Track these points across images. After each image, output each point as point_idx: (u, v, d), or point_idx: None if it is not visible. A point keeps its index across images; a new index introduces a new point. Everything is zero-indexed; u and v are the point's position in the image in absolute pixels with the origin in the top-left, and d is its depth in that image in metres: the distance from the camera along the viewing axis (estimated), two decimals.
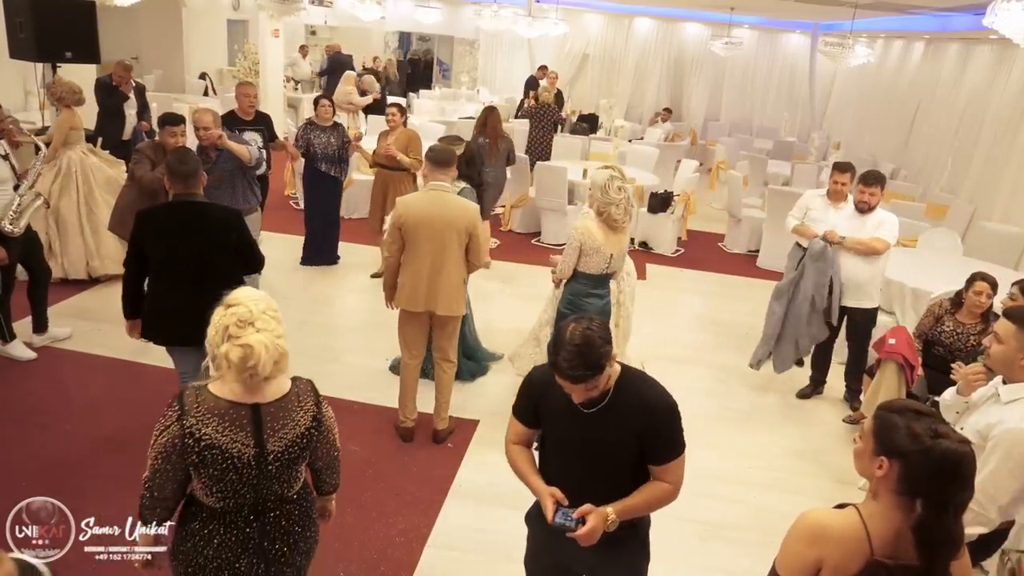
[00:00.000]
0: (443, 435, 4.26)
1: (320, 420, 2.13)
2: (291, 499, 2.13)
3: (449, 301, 3.98)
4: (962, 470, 1.57)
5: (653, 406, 2.11)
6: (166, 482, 1.99)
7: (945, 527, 1.58)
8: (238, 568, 2.05)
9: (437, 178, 3.93)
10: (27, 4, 6.29)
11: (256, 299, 1.99)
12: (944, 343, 4.40)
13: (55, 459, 3.72)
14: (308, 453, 2.11)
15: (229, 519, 2.04)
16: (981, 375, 2.70)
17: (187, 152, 3.82)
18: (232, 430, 1.95)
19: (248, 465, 1.97)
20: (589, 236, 3.94)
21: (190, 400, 1.96)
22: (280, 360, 1.96)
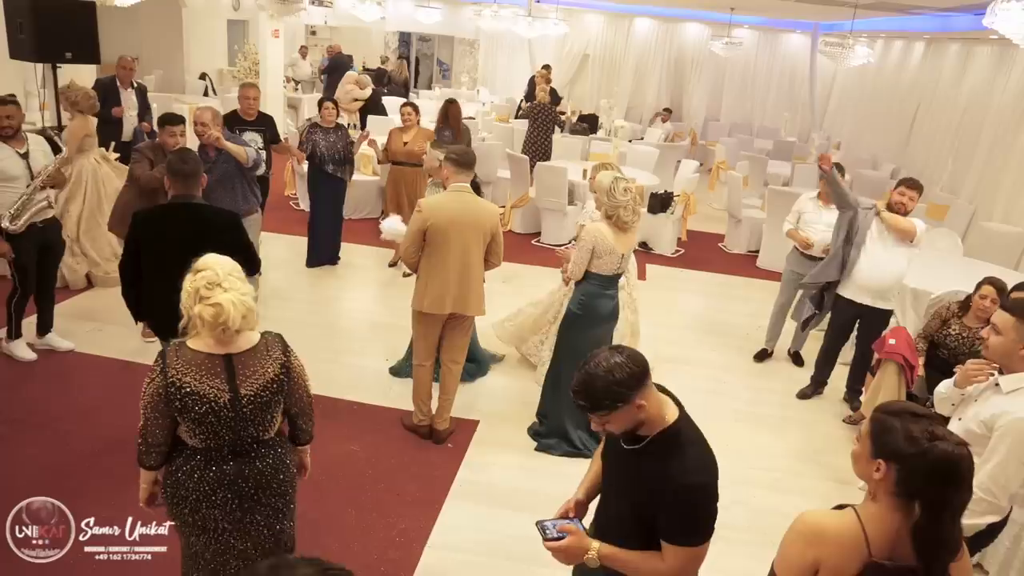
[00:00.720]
0: (444, 435, 4.25)
1: (289, 367, 2.35)
2: (266, 443, 2.36)
3: (478, 302, 4.02)
4: (960, 472, 1.57)
5: (670, 478, 1.88)
6: (156, 429, 2.25)
7: (943, 529, 1.58)
8: (214, 500, 2.28)
9: (459, 179, 3.90)
10: (27, 4, 6.29)
11: (222, 263, 2.24)
12: (949, 346, 4.40)
13: (55, 459, 3.72)
14: (281, 398, 2.34)
15: (210, 456, 2.28)
16: (983, 372, 2.70)
17: (188, 152, 3.81)
18: (208, 378, 2.20)
19: (225, 408, 2.22)
20: (601, 238, 3.94)
21: (171, 356, 2.22)
22: (247, 315, 2.19)
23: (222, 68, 14.38)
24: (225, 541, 2.36)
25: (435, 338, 4.11)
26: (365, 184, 8.50)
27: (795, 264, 5.56)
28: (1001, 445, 2.42)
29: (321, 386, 4.66)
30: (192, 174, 3.42)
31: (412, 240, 3.87)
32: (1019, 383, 2.50)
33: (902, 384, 4.41)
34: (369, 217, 8.44)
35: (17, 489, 3.25)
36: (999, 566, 3.44)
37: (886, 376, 4.44)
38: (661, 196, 8.38)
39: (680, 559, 1.92)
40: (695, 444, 1.97)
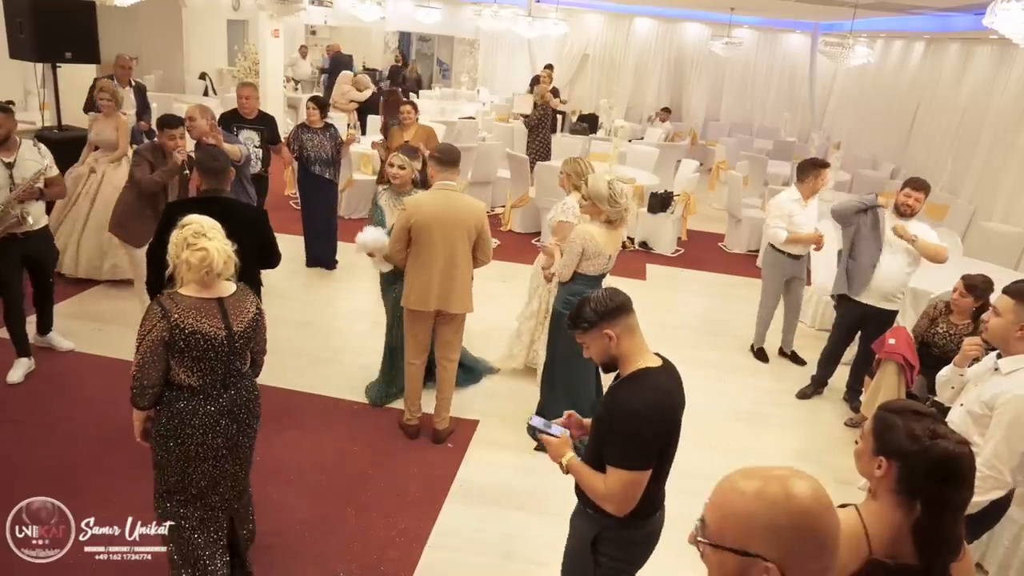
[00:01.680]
0: (443, 435, 4.26)
1: (260, 311, 2.78)
2: (244, 374, 2.76)
3: (462, 299, 4.01)
4: (960, 471, 1.58)
5: (616, 404, 2.18)
6: (152, 372, 2.53)
7: (944, 528, 1.58)
8: (217, 430, 2.63)
9: (444, 177, 3.93)
10: (27, 4, 6.29)
11: (203, 219, 2.60)
12: (939, 344, 4.42)
13: (55, 459, 3.72)
14: (256, 335, 2.74)
15: (207, 393, 2.62)
16: (978, 346, 2.87)
17: (217, 149, 4.13)
18: (208, 318, 2.54)
19: (222, 343, 2.57)
20: (591, 240, 3.94)
21: (168, 303, 2.52)
22: (227, 261, 2.54)
23: (222, 68, 14.37)
24: (221, 466, 2.70)
25: (425, 336, 4.12)
26: (365, 184, 8.49)
27: (774, 264, 5.57)
28: (1002, 422, 2.52)
29: (321, 386, 4.68)
30: (222, 170, 3.66)
31: (397, 238, 3.89)
32: (1018, 364, 2.61)
33: (902, 384, 4.41)
34: (365, 218, 8.43)
35: (17, 489, 3.25)
36: (999, 566, 3.44)
37: (886, 376, 4.45)
38: (661, 196, 8.38)
39: (615, 481, 2.12)
40: (653, 387, 2.16)
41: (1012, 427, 2.51)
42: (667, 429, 2.18)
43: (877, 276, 4.72)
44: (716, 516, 1.19)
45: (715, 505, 1.19)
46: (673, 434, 2.22)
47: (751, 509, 1.15)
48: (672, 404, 2.19)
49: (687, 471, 4.18)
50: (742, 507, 1.16)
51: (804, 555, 1.15)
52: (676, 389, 2.23)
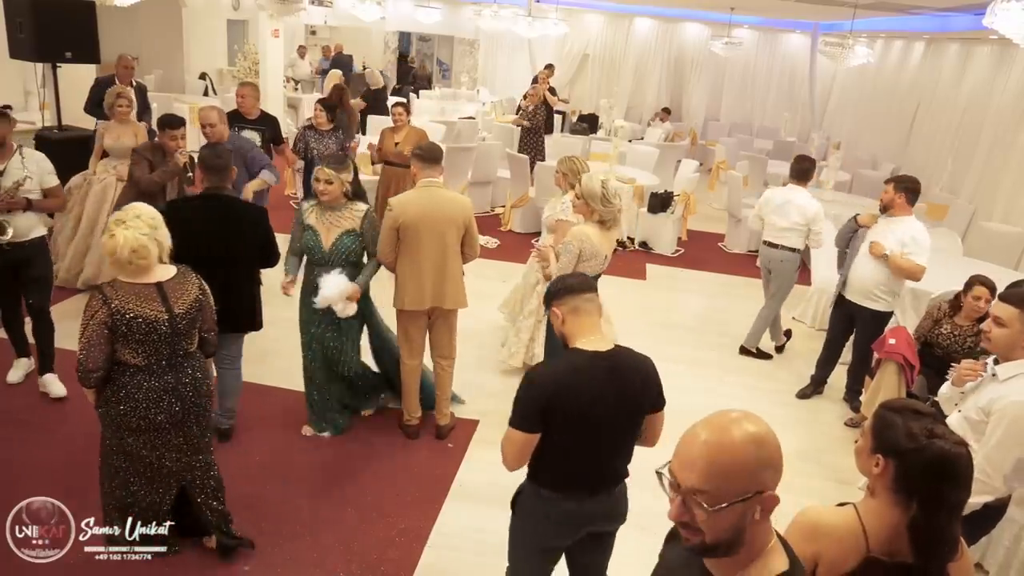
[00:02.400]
0: (445, 431, 4.26)
1: (204, 291, 2.92)
2: (192, 354, 2.90)
3: (456, 295, 4.02)
4: (956, 471, 1.59)
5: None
6: (97, 355, 2.68)
7: (939, 527, 1.59)
8: (161, 406, 2.79)
9: (428, 175, 3.93)
10: (27, 4, 6.29)
11: (137, 209, 2.74)
12: (942, 345, 4.41)
13: (55, 459, 3.72)
14: (201, 316, 2.88)
15: (151, 371, 2.77)
16: (974, 372, 2.76)
17: (220, 147, 4.08)
18: (148, 302, 2.71)
19: (164, 326, 2.73)
20: (587, 241, 3.93)
21: (109, 291, 2.67)
22: (138, 249, 2.63)
23: (222, 68, 14.37)
24: (164, 437, 2.87)
25: (420, 336, 4.12)
26: (365, 184, 8.46)
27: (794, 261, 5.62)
28: (998, 427, 2.48)
29: None
30: (224, 168, 3.67)
31: (385, 240, 3.87)
32: (1015, 370, 2.56)
33: (902, 384, 4.41)
34: None
35: (17, 489, 3.25)
36: (999, 566, 3.44)
37: (886, 376, 4.45)
38: (661, 196, 8.38)
39: (504, 436, 2.29)
40: (565, 362, 2.29)
41: (1007, 433, 2.47)
42: (564, 406, 2.20)
43: (854, 272, 4.79)
44: (715, 483, 1.22)
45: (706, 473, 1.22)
46: (576, 413, 2.22)
47: (742, 459, 1.23)
48: (577, 382, 2.21)
49: None
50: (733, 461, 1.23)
51: (777, 468, 1.27)
52: (600, 374, 2.23)
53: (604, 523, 2.42)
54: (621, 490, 2.42)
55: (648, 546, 3.45)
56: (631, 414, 2.32)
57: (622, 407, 2.27)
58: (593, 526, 2.40)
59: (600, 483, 2.35)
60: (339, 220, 3.82)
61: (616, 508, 2.42)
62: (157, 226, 2.74)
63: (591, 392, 2.23)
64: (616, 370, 2.27)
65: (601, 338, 2.32)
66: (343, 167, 3.80)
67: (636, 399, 2.30)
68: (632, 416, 2.32)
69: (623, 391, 2.26)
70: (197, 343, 2.95)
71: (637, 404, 2.31)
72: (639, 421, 2.36)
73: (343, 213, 3.84)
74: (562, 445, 2.26)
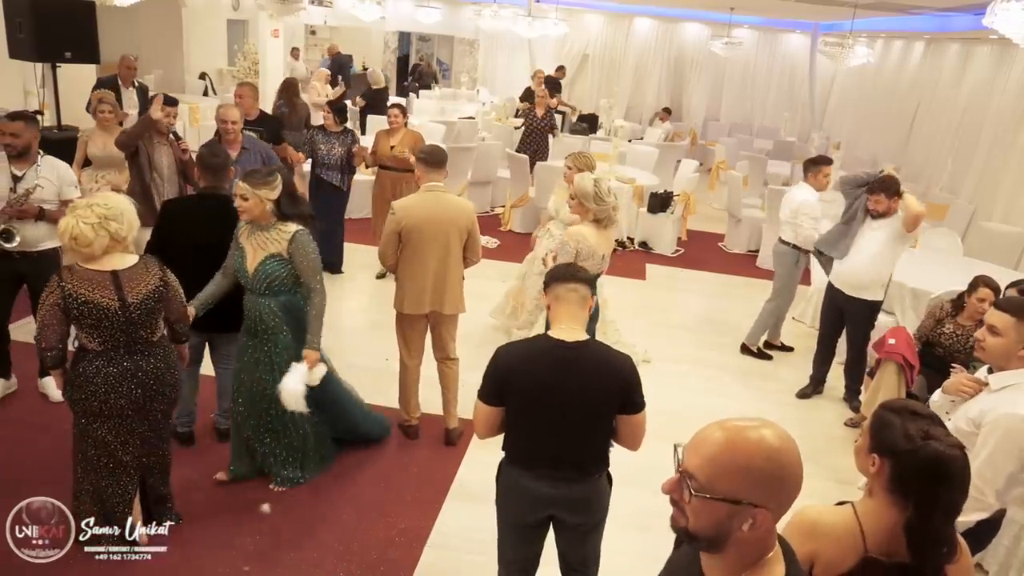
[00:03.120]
0: (455, 434, 4.23)
1: (166, 281, 2.94)
2: (154, 343, 2.94)
3: (455, 300, 4.01)
4: (951, 472, 1.59)
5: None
6: (51, 334, 2.77)
7: (933, 528, 1.59)
8: (121, 391, 2.84)
9: (432, 179, 3.91)
10: (27, 4, 6.29)
11: (100, 197, 2.82)
12: (944, 345, 4.41)
13: (55, 459, 3.72)
14: (162, 307, 2.92)
15: (110, 357, 2.83)
16: (971, 388, 2.66)
17: (218, 146, 4.06)
18: (99, 289, 2.75)
19: (116, 313, 2.77)
20: (583, 240, 3.93)
21: (66, 275, 2.76)
22: (77, 237, 2.68)
23: (222, 68, 14.37)
24: (128, 425, 2.92)
25: (420, 338, 4.12)
26: (366, 184, 8.48)
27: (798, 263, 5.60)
28: (989, 440, 2.40)
29: None
30: (221, 167, 3.66)
31: (387, 242, 3.86)
32: (1008, 380, 2.48)
33: (902, 384, 4.41)
34: (369, 217, 8.42)
35: (18, 489, 3.25)
36: (999, 566, 3.44)
37: (886, 376, 4.45)
38: (661, 196, 8.38)
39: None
40: (531, 344, 2.45)
41: (999, 446, 2.38)
42: (518, 385, 2.32)
43: (849, 264, 4.79)
44: (708, 471, 1.21)
45: (705, 460, 1.21)
46: (530, 395, 2.31)
47: (744, 463, 1.20)
48: (532, 366, 2.31)
49: None
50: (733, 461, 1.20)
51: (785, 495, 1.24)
52: (558, 364, 2.29)
53: (566, 512, 2.43)
54: (591, 486, 2.42)
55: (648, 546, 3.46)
56: (592, 409, 2.32)
57: (581, 400, 2.29)
58: (556, 511, 2.43)
59: (558, 469, 2.37)
60: (265, 242, 3.31)
61: (578, 501, 2.42)
62: (112, 217, 2.74)
63: (546, 378, 2.28)
64: (577, 362, 2.29)
65: (575, 329, 2.35)
66: (264, 183, 3.24)
67: (598, 395, 2.30)
68: (594, 411, 2.33)
69: (583, 384, 2.29)
70: (164, 333, 3.02)
71: (600, 400, 2.31)
72: (605, 418, 2.36)
73: (270, 234, 3.31)
74: (520, 424, 2.38)
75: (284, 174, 3.39)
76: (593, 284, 2.48)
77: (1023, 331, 2.44)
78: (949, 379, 2.78)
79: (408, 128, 6.53)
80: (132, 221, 2.85)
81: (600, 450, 2.41)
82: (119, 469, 2.97)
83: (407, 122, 6.64)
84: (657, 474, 1.41)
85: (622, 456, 2.46)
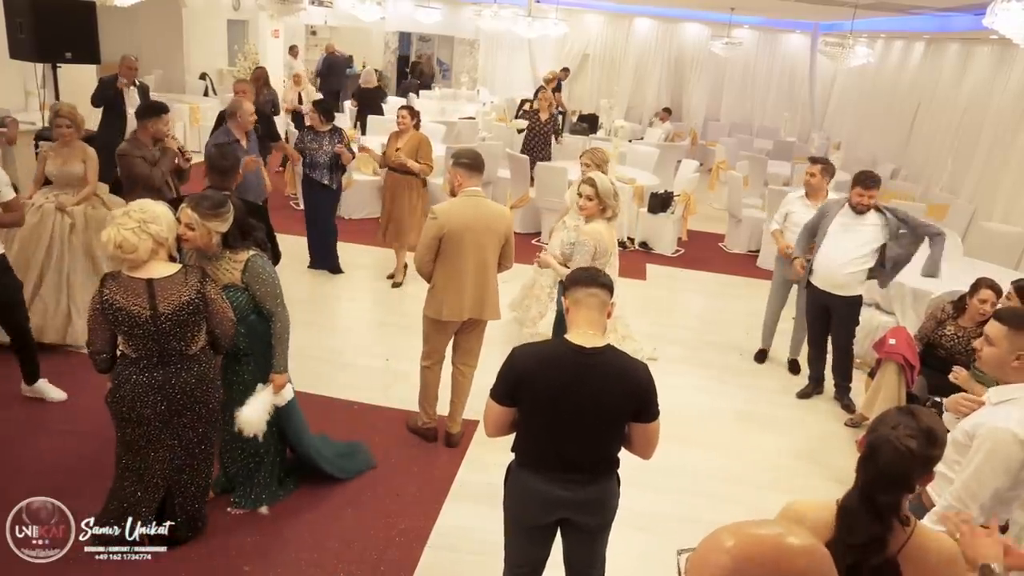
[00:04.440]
0: (456, 439, 4.22)
1: (204, 294, 2.86)
2: (190, 356, 2.90)
3: (493, 306, 3.99)
4: (879, 457, 1.66)
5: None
6: (96, 339, 2.84)
7: (850, 506, 1.68)
8: (145, 401, 2.84)
9: (471, 184, 3.86)
10: (27, 4, 6.29)
11: (136, 204, 2.80)
12: (945, 346, 4.41)
13: (55, 459, 3.72)
14: (199, 319, 2.87)
15: (141, 365, 2.84)
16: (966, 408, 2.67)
17: (228, 148, 4.13)
18: (132, 296, 2.76)
19: (147, 322, 2.77)
20: (600, 238, 3.97)
21: (108, 280, 2.81)
22: (122, 244, 2.70)
23: (222, 68, 14.35)
24: (155, 434, 2.92)
25: (444, 344, 4.09)
26: (366, 184, 8.50)
27: (776, 262, 5.61)
28: (978, 454, 2.38)
29: (321, 386, 4.67)
30: (230, 170, 3.73)
31: (427, 248, 3.79)
32: (1006, 395, 2.46)
33: (902, 384, 4.41)
34: (369, 217, 8.44)
35: (18, 489, 3.25)
36: None
37: (886, 376, 4.45)
38: (661, 196, 8.38)
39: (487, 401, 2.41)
40: (545, 347, 2.44)
41: (986, 461, 2.36)
42: (533, 387, 2.31)
43: (820, 260, 4.79)
44: None
45: (699, 567, 1.09)
46: (544, 398, 2.31)
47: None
48: (548, 369, 2.30)
49: (687, 470, 4.19)
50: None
51: None
52: (574, 368, 2.28)
53: (577, 514, 2.43)
54: (601, 488, 2.42)
55: (648, 546, 3.46)
56: (606, 415, 2.32)
57: (595, 406, 2.29)
58: (566, 514, 2.43)
59: (568, 472, 2.37)
60: (217, 273, 3.08)
61: (590, 503, 2.42)
62: (150, 219, 2.76)
63: (560, 382, 2.28)
64: (594, 368, 2.28)
65: (593, 334, 2.33)
66: (216, 214, 2.99)
67: (612, 402, 2.30)
68: (607, 418, 2.32)
69: (598, 391, 2.28)
70: (205, 345, 2.96)
71: (614, 407, 2.31)
72: (617, 425, 2.36)
73: (220, 264, 3.10)
74: (532, 425, 2.38)
75: (236, 203, 3.14)
76: (612, 289, 2.45)
77: (1015, 341, 2.43)
78: (949, 397, 2.81)
79: (417, 131, 6.42)
80: (171, 223, 2.87)
81: (611, 454, 2.42)
82: (147, 478, 2.97)
83: (418, 123, 6.53)
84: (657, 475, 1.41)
85: (621, 456, 2.47)
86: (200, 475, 3.12)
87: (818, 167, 5.32)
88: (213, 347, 3.03)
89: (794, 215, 5.37)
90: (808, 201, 5.35)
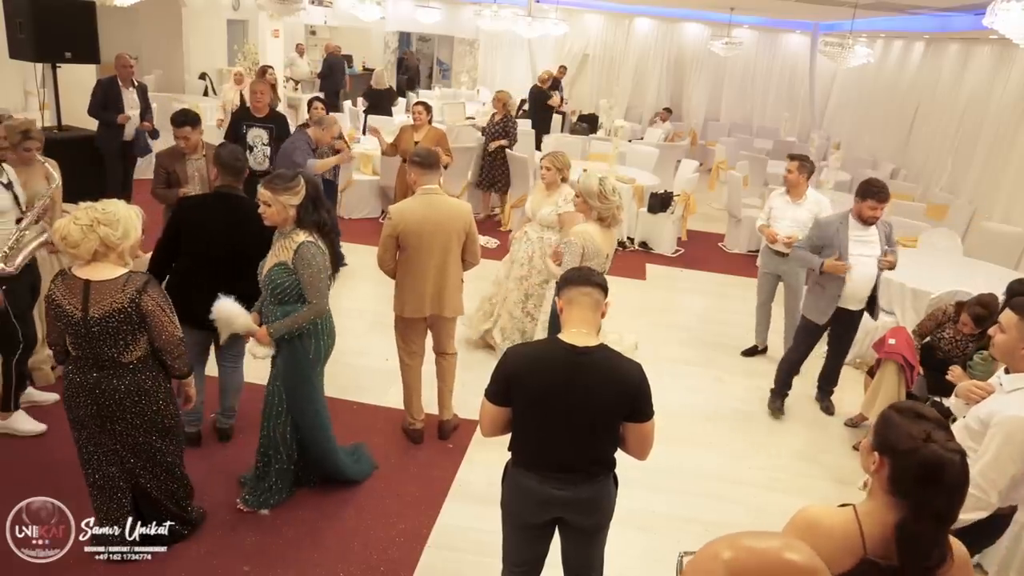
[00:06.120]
0: (449, 428, 4.25)
1: (139, 304, 2.73)
2: (124, 365, 2.80)
3: (454, 303, 4.03)
4: (945, 476, 1.57)
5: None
6: (52, 329, 2.84)
7: (923, 532, 1.58)
8: (79, 402, 2.83)
9: (427, 181, 3.90)
10: (27, 4, 6.29)
11: (103, 205, 2.71)
12: (943, 349, 4.42)
13: (55, 459, 3.72)
14: (132, 328, 2.75)
15: (78, 365, 2.82)
16: (977, 395, 2.71)
17: (239, 148, 4.14)
18: (70, 295, 2.71)
19: (77, 323, 2.71)
20: (590, 240, 3.95)
21: (59, 276, 2.75)
22: (66, 236, 2.63)
23: (222, 68, 14.35)
24: (96, 438, 2.90)
25: (420, 339, 4.13)
26: (365, 183, 8.50)
27: (768, 261, 5.66)
28: (994, 441, 2.43)
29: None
30: (240, 170, 3.74)
31: (384, 247, 3.85)
32: (1019, 383, 2.51)
33: (902, 384, 4.41)
34: (369, 217, 8.45)
35: (17, 489, 3.25)
36: (999, 566, 3.44)
37: (886, 376, 4.45)
38: (661, 196, 8.38)
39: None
40: (537, 347, 2.47)
41: (1004, 447, 2.41)
42: (524, 386, 2.32)
43: (857, 280, 4.55)
44: None
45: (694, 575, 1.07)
46: (536, 396, 2.32)
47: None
48: (539, 368, 2.32)
49: (687, 470, 4.19)
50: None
51: None
52: (566, 367, 2.28)
53: (571, 514, 2.44)
54: (595, 488, 2.41)
55: (648, 546, 3.46)
56: (598, 415, 2.32)
57: (587, 405, 2.29)
58: (563, 513, 2.43)
59: (562, 471, 2.37)
60: (279, 248, 3.22)
61: (586, 502, 2.42)
62: (105, 222, 2.66)
63: (551, 381, 2.29)
64: (586, 368, 2.29)
65: (586, 333, 2.34)
66: (286, 188, 3.12)
67: (604, 402, 2.30)
68: (600, 417, 2.32)
69: (590, 390, 2.28)
70: (146, 356, 2.83)
71: (606, 407, 2.31)
72: (610, 425, 2.35)
73: (284, 241, 3.21)
74: (525, 424, 2.39)
75: (310, 178, 3.24)
76: (606, 289, 2.44)
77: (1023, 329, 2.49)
78: (960, 384, 2.86)
79: (432, 125, 6.63)
80: (129, 229, 2.73)
81: (606, 454, 2.42)
82: (100, 481, 2.98)
83: (431, 119, 6.73)
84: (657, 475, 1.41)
85: (620, 456, 2.47)
86: (160, 480, 3.05)
87: (795, 163, 5.35)
88: (166, 369, 2.91)
89: (775, 210, 5.47)
90: (788, 198, 5.41)
